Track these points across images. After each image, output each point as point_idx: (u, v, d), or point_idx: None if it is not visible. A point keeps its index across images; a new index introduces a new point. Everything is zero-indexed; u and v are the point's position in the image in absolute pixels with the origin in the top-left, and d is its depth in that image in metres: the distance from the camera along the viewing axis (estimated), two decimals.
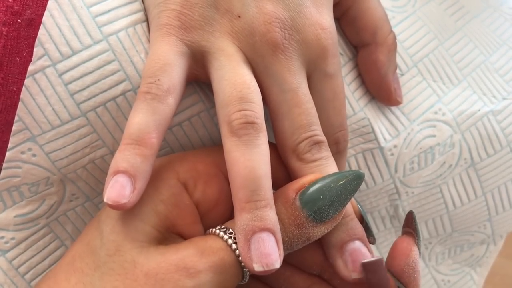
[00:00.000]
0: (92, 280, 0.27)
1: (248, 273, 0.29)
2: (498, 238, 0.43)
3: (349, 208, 0.30)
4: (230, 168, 0.28)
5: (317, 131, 0.30)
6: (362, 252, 0.29)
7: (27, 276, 0.34)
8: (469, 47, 0.39)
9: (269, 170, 0.28)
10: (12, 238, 0.33)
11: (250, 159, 0.27)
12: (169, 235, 0.29)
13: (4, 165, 0.31)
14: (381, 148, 0.37)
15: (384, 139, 0.36)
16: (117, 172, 0.26)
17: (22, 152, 0.31)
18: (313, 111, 0.30)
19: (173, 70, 0.29)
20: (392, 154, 0.37)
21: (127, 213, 0.28)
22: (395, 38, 0.36)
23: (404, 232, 0.31)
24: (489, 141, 0.38)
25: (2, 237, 0.33)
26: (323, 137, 0.30)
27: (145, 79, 0.28)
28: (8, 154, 0.30)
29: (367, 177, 0.37)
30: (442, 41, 0.39)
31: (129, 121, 0.28)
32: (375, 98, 0.37)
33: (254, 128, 0.28)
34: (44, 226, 0.34)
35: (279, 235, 0.27)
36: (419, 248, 0.30)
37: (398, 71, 0.37)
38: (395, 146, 0.37)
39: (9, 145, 0.30)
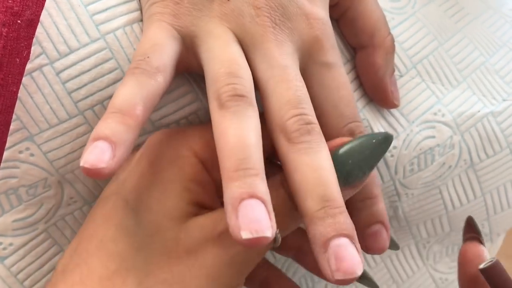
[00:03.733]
0: (135, 264, 0.27)
1: (279, 236, 0.28)
2: (495, 236, 0.43)
3: (339, 199, 0.27)
4: (218, 140, 0.26)
5: (306, 109, 0.28)
6: (349, 251, 0.26)
7: (26, 283, 0.34)
8: (469, 49, 0.39)
9: (260, 142, 0.27)
10: (10, 244, 0.33)
11: (238, 128, 0.26)
12: (198, 209, 0.29)
13: (2, 165, 0.31)
14: None
15: None
16: (97, 139, 0.25)
17: (20, 152, 0.31)
18: (304, 90, 0.29)
19: (163, 50, 0.28)
20: (392, 156, 0.37)
21: (160, 192, 0.28)
22: (393, 40, 0.36)
23: (468, 238, 0.30)
24: (488, 143, 0.38)
25: (0, 243, 0.33)
26: (314, 119, 0.28)
27: (134, 58, 0.28)
28: (5, 153, 0.30)
29: None
30: (442, 43, 0.39)
31: (115, 93, 0.27)
32: None
33: (243, 100, 0.27)
34: (43, 231, 0.34)
35: (270, 207, 0.25)
36: None
37: (397, 72, 0.37)
38: (394, 147, 0.37)
39: (7, 145, 0.30)
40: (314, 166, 0.27)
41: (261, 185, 0.25)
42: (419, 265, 0.43)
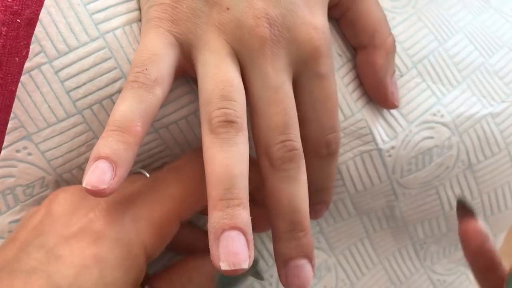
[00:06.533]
0: None
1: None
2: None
3: (306, 223, 0.30)
4: (206, 166, 0.28)
5: (292, 135, 0.30)
6: (305, 270, 0.30)
7: None
8: (469, 49, 0.39)
9: (247, 170, 0.28)
10: None
11: (226, 157, 0.27)
12: None
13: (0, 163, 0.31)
14: (379, 150, 0.36)
15: (382, 140, 0.36)
16: (98, 158, 0.26)
17: (17, 151, 0.31)
18: (292, 112, 0.30)
19: (161, 60, 0.29)
20: (390, 156, 0.37)
21: None
22: (394, 41, 0.36)
23: (463, 217, 0.31)
24: (487, 144, 0.38)
25: None
26: (298, 144, 0.30)
27: (133, 69, 0.28)
28: (3, 152, 0.30)
29: (365, 178, 0.37)
30: (442, 42, 0.38)
31: (114, 108, 0.27)
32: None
33: (233, 127, 0.28)
34: None
35: (250, 236, 0.27)
36: None
37: (397, 72, 0.37)
38: (392, 148, 0.37)
39: (5, 143, 0.30)
40: (289, 195, 0.29)
41: (243, 215, 0.27)
42: (416, 266, 0.43)
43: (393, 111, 0.37)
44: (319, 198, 0.35)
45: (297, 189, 0.30)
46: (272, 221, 0.30)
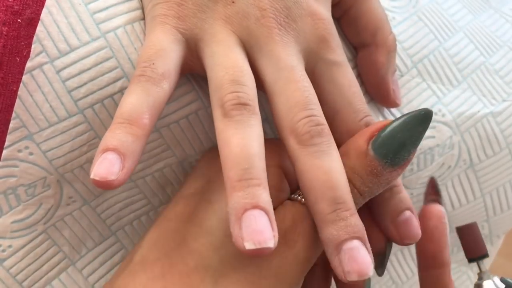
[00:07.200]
0: (212, 263, 0.28)
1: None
2: (495, 238, 0.43)
3: (350, 200, 0.28)
4: (222, 149, 0.27)
5: (316, 111, 0.28)
6: (362, 252, 0.27)
7: (25, 283, 0.33)
8: (469, 48, 0.39)
9: (263, 151, 0.27)
10: (9, 246, 0.33)
11: (242, 137, 0.27)
12: None
13: (1, 163, 0.30)
14: None
15: None
16: (106, 150, 0.26)
17: (19, 151, 0.31)
18: (311, 91, 0.29)
19: (168, 55, 0.29)
20: None
21: None
22: (395, 39, 0.36)
23: (429, 200, 0.32)
24: (488, 143, 0.38)
25: (0, 245, 0.33)
26: (323, 120, 0.29)
27: (139, 64, 0.28)
28: (4, 152, 0.30)
29: None
30: (442, 42, 0.38)
31: (121, 101, 0.27)
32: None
33: (247, 109, 0.27)
34: (42, 232, 0.33)
35: (272, 216, 0.26)
36: None
37: (397, 72, 0.37)
38: None
39: (6, 143, 0.30)
40: (325, 169, 0.28)
41: (264, 195, 0.26)
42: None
43: (394, 111, 0.37)
44: (395, 199, 0.32)
45: (332, 163, 0.28)
46: (312, 206, 0.28)
